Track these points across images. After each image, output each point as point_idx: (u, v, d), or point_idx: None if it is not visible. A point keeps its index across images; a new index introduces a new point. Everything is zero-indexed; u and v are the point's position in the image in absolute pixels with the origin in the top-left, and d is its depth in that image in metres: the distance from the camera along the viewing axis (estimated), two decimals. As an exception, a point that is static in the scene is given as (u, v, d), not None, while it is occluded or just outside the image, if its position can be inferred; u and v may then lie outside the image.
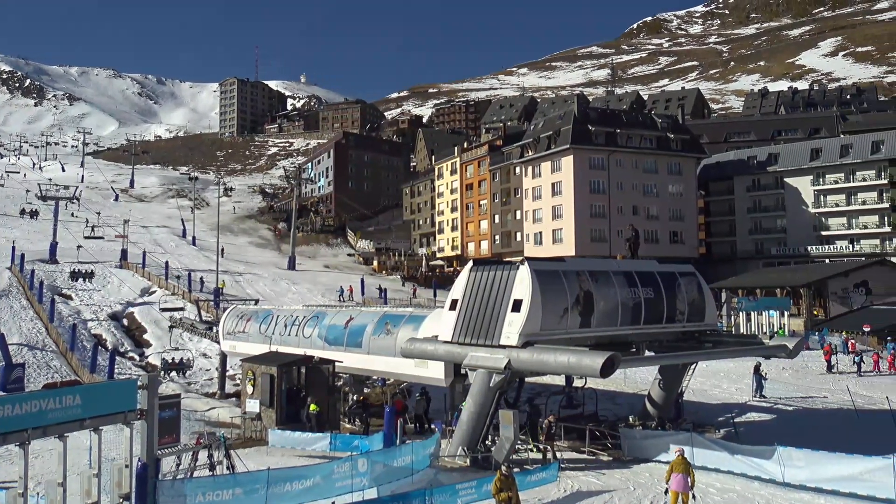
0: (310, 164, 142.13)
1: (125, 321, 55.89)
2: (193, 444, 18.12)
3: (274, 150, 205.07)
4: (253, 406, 29.44)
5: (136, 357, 49.40)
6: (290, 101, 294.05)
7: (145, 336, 53.02)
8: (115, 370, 43.14)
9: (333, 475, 17.38)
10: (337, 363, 29.79)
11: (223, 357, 41.98)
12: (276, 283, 71.73)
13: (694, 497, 16.47)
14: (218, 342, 42.28)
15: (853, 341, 43.39)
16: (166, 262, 69.76)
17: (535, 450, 22.36)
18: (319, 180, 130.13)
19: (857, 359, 37.31)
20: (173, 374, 44.33)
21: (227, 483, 15.66)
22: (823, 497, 17.05)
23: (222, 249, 74.50)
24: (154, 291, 62.74)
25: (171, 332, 51.31)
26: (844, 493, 16.92)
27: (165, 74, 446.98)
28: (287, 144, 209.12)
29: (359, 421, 29.93)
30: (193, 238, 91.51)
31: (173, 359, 45.38)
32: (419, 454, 20.02)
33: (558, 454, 21.95)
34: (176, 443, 15.57)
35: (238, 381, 38.58)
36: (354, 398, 32.81)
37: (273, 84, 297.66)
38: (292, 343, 33.06)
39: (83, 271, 63.00)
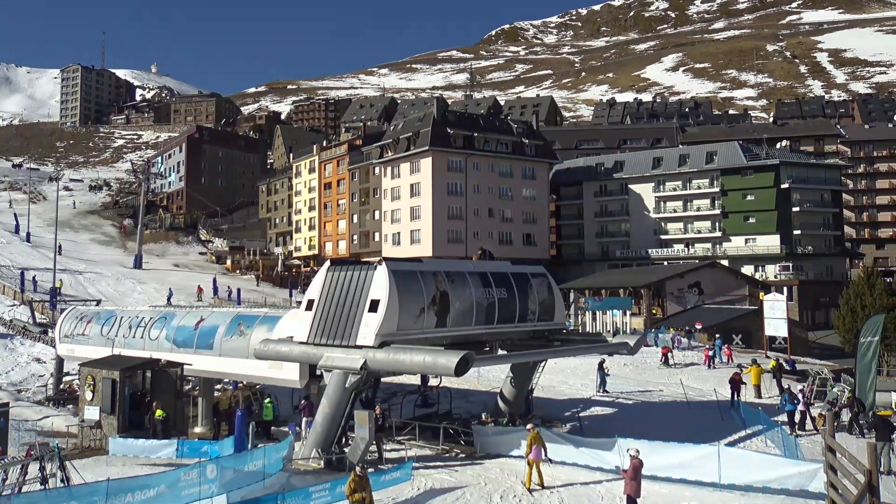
0: (160, 158, 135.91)
1: (-54, 324, 51.03)
2: (23, 457, 16.87)
3: (121, 142, 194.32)
4: (92, 413, 27.77)
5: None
6: (139, 91, 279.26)
7: (-31, 340, 48.62)
8: (-67, 378, 39.39)
9: (180, 483, 16.78)
10: (186, 366, 28.62)
11: (59, 361, 39.26)
12: (121, 282, 68.04)
13: (550, 462, 19.12)
14: (54, 346, 39.54)
15: (678, 337, 47.19)
16: (-5, 260, 64.55)
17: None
18: (170, 175, 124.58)
19: (712, 352, 40.12)
20: None
21: (61, 497, 14.74)
22: (658, 483, 18.22)
23: (60, 246, 69.79)
24: (-20, 291, 57.79)
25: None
26: (676, 479, 18.24)
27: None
28: (135, 137, 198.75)
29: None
30: (28, 234, 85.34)
31: None
32: (271, 458, 19.62)
33: (411, 452, 22.15)
34: (3, 455, 14.51)
35: (76, 387, 36.23)
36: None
37: (121, 73, 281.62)
38: (137, 346, 31.41)
39: None
